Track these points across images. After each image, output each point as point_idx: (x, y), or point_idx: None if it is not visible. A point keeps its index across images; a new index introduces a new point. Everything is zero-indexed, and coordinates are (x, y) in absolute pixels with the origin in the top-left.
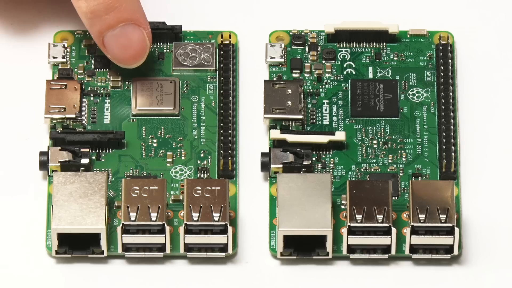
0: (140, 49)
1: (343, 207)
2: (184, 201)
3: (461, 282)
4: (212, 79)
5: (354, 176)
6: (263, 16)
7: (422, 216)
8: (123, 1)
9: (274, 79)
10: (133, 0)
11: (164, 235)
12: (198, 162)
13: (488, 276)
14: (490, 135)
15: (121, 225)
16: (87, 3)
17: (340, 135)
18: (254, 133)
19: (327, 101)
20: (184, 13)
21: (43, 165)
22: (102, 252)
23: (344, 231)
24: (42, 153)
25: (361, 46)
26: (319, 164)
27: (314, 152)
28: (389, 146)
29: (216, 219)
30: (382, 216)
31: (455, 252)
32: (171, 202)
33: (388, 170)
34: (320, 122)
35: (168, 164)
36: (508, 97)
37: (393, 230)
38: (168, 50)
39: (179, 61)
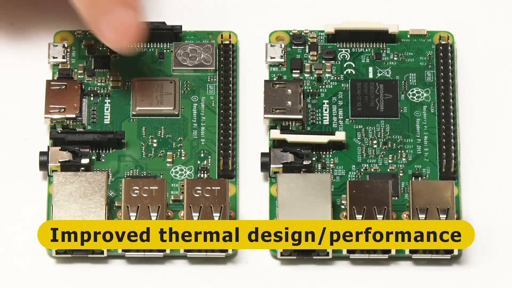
0: (135, 32)
1: (343, 207)
2: (184, 201)
3: (461, 282)
4: (212, 79)
5: (354, 176)
6: (263, 16)
7: (422, 216)
8: None
9: (274, 79)
10: None
11: None
12: (198, 162)
13: (488, 276)
14: (490, 135)
15: None
16: None
17: (340, 135)
18: (254, 133)
19: (327, 101)
20: (184, 13)
21: (43, 165)
22: (102, 252)
23: None
24: (42, 153)
25: (361, 46)
26: (319, 164)
27: (314, 152)
28: (389, 146)
29: (216, 219)
30: (382, 216)
31: (455, 252)
32: (171, 202)
33: (388, 170)
34: (320, 122)
35: (168, 164)
36: (508, 97)
37: None
38: (168, 50)
39: (179, 61)
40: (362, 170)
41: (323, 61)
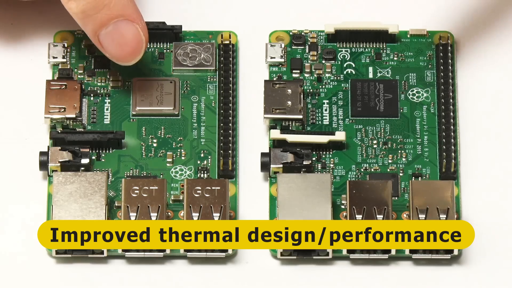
0: (136, 45)
1: (343, 207)
2: (184, 201)
3: (461, 282)
4: (212, 79)
5: (354, 176)
6: (263, 16)
7: (422, 216)
8: None
9: (274, 79)
10: None
11: None
12: (198, 162)
13: (488, 276)
14: (490, 135)
15: None
16: (77, 3)
17: (340, 135)
18: (254, 133)
19: (327, 101)
20: (184, 13)
21: (43, 165)
22: (102, 252)
23: None
24: (42, 153)
25: (361, 46)
26: (319, 164)
27: (314, 152)
28: (389, 146)
29: (216, 219)
30: (382, 216)
31: (455, 252)
32: (171, 202)
33: (388, 170)
34: (320, 122)
35: (168, 164)
36: (508, 97)
37: None
38: (168, 50)
39: (179, 61)
40: (362, 170)
41: (323, 61)
